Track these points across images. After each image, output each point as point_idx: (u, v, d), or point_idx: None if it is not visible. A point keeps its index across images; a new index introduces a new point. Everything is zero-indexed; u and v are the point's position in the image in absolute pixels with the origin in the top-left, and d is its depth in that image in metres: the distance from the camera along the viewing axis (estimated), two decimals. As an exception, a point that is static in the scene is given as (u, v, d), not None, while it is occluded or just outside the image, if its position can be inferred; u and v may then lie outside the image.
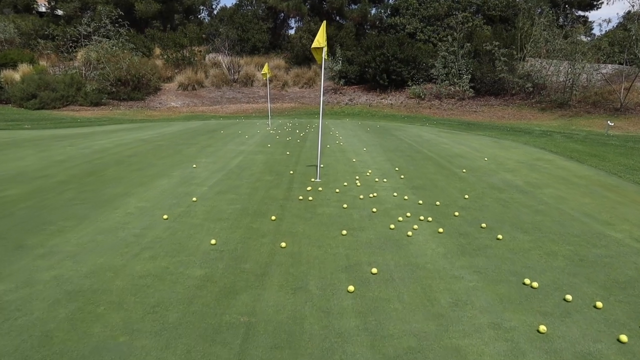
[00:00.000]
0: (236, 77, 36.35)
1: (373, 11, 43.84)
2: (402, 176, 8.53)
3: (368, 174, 8.73)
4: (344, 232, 5.24)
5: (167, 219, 5.63)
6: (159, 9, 41.36)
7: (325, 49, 7.81)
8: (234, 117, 27.84)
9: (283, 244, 4.80)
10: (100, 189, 7.08)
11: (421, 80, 32.57)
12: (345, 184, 7.79)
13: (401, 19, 39.57)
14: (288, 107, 32.14)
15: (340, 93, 33.84)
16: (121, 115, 28.02)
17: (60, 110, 28.68)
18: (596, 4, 44.68)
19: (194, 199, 6.57)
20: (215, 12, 50.67)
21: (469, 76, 30.54)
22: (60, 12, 42.76)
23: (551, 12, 31.86)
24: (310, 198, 6.76)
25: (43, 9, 44.81)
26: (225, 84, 36.19)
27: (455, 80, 31.03)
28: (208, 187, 7.44)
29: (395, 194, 7.14)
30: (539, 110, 28.00)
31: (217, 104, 33.21)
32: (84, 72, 31.56)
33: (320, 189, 7.39)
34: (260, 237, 5.09)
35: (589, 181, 8.45)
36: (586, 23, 42.20)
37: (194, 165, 9.13)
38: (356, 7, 43.32)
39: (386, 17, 42.62)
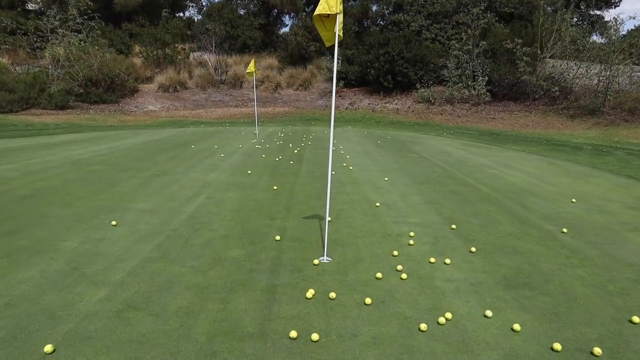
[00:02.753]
0: (223, 77, 32.63)
1: (374, 8, 40.31)
2: (473, 248, 4.85)
3: (410, 241, 5.04)
4: None
5: None
6: (140, 2, 37.54)
7: (340, 19, 4.15)
8: (218, 123, 24.09)
9: None
10: None
11: (430, 82, 29.01)
12: (379, 275, 4.10)
13: (405, 16, 36.10)
14: (281, 111, 28.46)
15: (340, 96, 30.21)
16: (88, 120, 24.21)
17: (18, 114, 24.82)
18: (614, 2, 41.49)
19: (50, 348, 2.86)
20: (204, 8, 46.90)
21: (485, 78, 26.98)
22: (32, 7, 38.97)
23: (575, 9, 28.47)
24: (316, 336, 3.07)
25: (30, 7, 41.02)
26: (212, 85, 32.45)
27: (469, 82, 27.47)
28: (111, 287, 3.74)
29: (488, 312, 3.46)
30: (567, 118, 24.47)
31: (201, 107, 29.48)
32: (50, 70, 27.63)
33: (332, 294, 3.70)
34: None
35: None
36: (599, 22, 39.03)
37: (114, 222, 5.39)
38: (356, 3, 39.74)
39: (388, 14, 39.14)
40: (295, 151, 12.27)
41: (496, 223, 5.88)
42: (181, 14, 46.76)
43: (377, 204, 6.60)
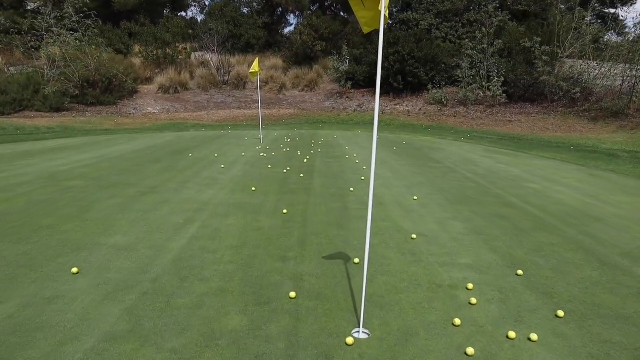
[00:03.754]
0: (226, 78, 31.39)
1: (382, 6, 38.97)
2: (560, 312, 3.54)
3: (472, 299, 3.73)
4: None
5: None
6: (140, 1, 36.34)
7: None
8: (220, 126, 22.85)
9: None
10: None
11: (443, 83, 27.68)
12: (446, 367, 2.79)
13: (414, 14, 34.84)
14: (286, 113, 27.18)
15: (347, 98, 28.94)
16: (83, 123, 23.00)
17: (10, 116, 23.63)
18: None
19: None
20: (207, 8, 45.68)
21: (501, 79, 25.61)
22: (31, 6, 37.91)
23: (595, 7, 27.08)
24: None
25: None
26: (214, 86, 31.21)
27: (483, 83, 26.11)
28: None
29: None
30: (588, 121, 23.08)
31: (203, 109, 28.24)
32: (45, 71, 26.37)
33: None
34: None
35: None
36: (616, 21, 37.63)
37: (75, 270, 4.09)
38: (363, 0, 38.41)
39: (397, 12, 37.85)
40: (305, 160, 10.97)
41: (570, 265, 4.56)
42: (183, 14, 45.64)
43: (414, 236, 5.29)
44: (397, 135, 18.73)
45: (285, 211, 6.22)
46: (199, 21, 42.40)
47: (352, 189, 7.72)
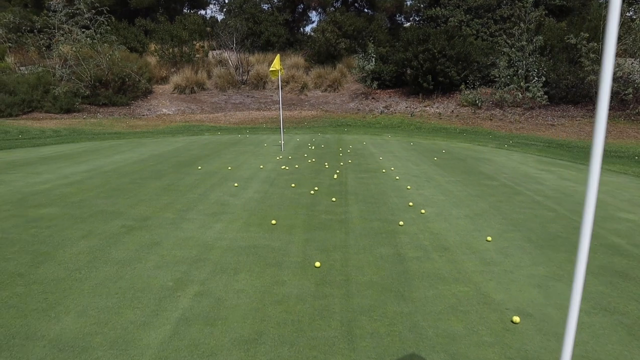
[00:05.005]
0: (245, 77, 29.82)
1: (409, 2, 37.04)
2: None
3: None
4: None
5: None
6: (156, -2, 35.08)
7: None
8: (237, 129, 21.25)
9: None
10: None
11: (477, 83, 25.62)
12: None
13: (443, 10, 32.86)
14: (308, 115, 25.45)
15: (373, 98, 27.08)
16: (93, 125, 21.65)
17: (18, 118, 22.43)
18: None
19: None
20: (226, 7, 44.20)
21: (542, 79, 23.45)
22: (51, 3, 37.00)
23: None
24: None
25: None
26: (232, 86, 29.68)
27: (521, 83, 23.98)
28: None
29: None
30: (642, 125, 20.84)
31: (220, 110, 26.70)
32: (56, 70, 25.11)
33: None
34: None
35: None
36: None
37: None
38: (389, -4, 36.52)
39: (424, 8, 35.82)
40: (335, 176, 9.20)
41: None
42: (202, 12, 44.33)
43: (516, 319, 3.47)
44: (432, 141, 16.83)
45: (317, 264, 4.46)
46: (219, 20, 41.01)
47: (401, 223, 5.91)
